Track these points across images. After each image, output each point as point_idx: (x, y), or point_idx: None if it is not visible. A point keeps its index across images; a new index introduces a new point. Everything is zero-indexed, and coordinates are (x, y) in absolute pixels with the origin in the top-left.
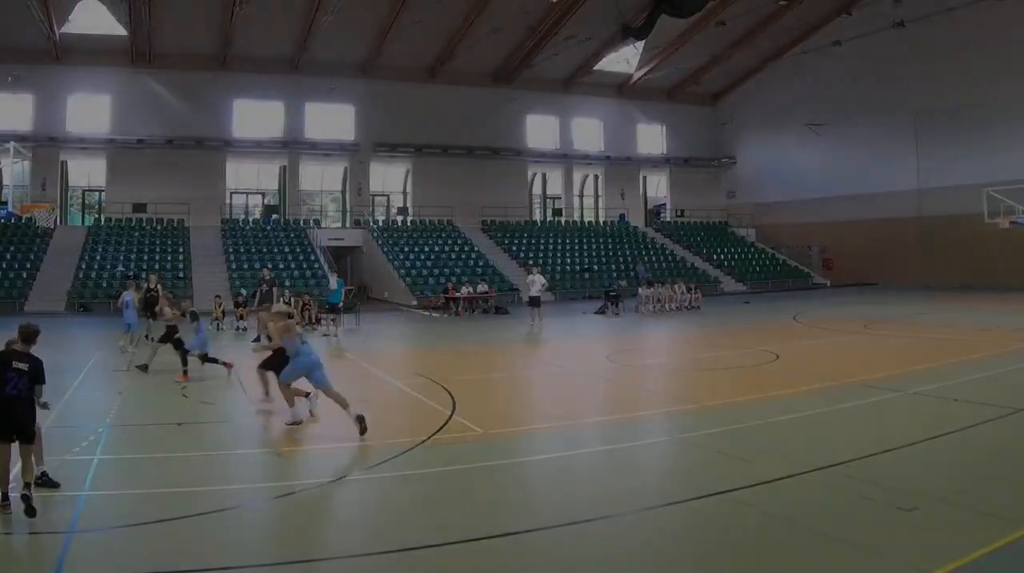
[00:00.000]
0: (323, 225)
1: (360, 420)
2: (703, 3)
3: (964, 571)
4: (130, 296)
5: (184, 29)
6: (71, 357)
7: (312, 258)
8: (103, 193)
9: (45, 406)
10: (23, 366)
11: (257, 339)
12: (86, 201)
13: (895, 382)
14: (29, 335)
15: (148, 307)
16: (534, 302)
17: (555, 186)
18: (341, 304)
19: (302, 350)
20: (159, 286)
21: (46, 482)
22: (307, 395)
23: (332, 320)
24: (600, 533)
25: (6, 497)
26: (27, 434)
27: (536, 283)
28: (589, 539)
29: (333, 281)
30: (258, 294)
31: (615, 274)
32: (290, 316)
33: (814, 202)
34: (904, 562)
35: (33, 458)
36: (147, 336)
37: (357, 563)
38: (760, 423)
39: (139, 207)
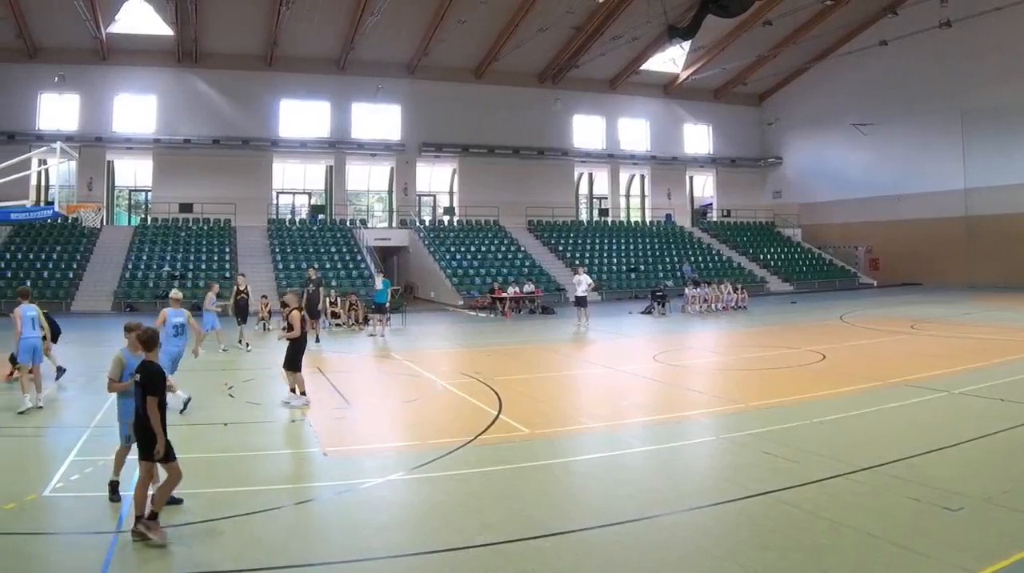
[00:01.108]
0: (369, 225)
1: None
2: (749, 3)
3: (1009, 571)
4: (212, 300)
5: (230, 29)
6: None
7: (359, 258)
8: (149, 193)
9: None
10: (137, 377)
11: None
12: (132, 201)
13: (941, 382)
14: (148, 340)
15: (241, 311)
16: (581, 302)
17: (601, 186)
18: (388, 304)
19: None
20: (248, 287)
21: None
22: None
23: (379, 320)
24: (645, 534)
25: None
26: (142, 449)
27: (582, 283)
28: (634, 539)
29: (379, 281)
30: (305, 294)
31: (661, 274)
32: (300, 308)
33: (860, 202)
34: (950, 562)
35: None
36: (240, 341)
37: (403, 563)
38: (806, 423)
39: (185, 207)
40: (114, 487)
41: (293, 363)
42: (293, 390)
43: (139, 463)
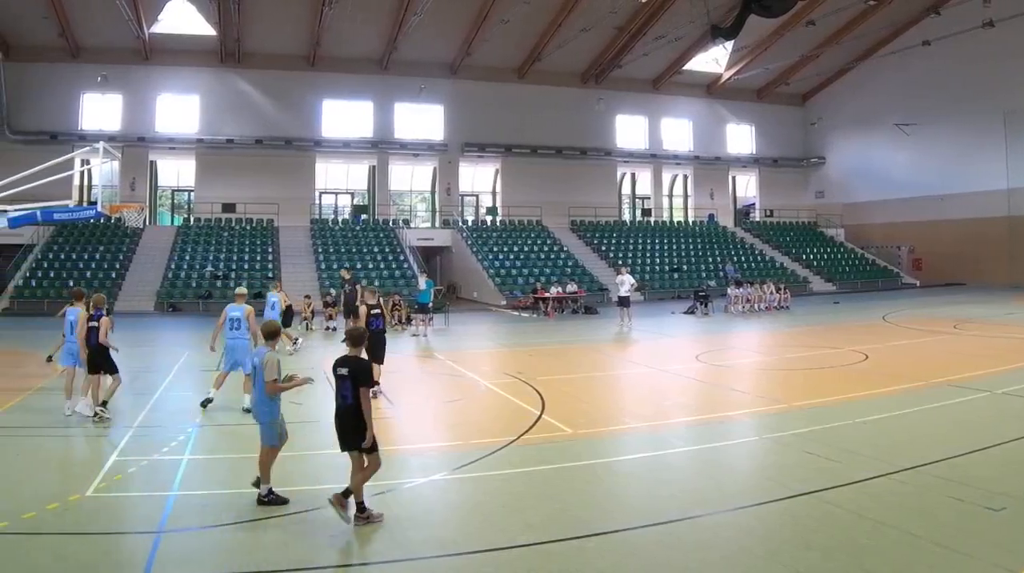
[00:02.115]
0: (412, 225)
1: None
2: (792, 3)
3: None
4: (276, 297)
5: (273, 29)
6: (161, 357)
7: (401, 258)
8: (192, 193)
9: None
10: (344, 372)
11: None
12: (175, 201)
13: (984, 382)
14: (355, 338)
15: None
16: (623, 302)
17: (644, 186)
18: (431, 304)
19: None
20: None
21: (272, 500)
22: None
23: (422, 320)
24: (688, 533)
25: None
26: (355, 443)
27: (626, 283)
28: (677, 539)
29: (422, 281)
30: (342, 295)
31: (704, 274)
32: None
33: (903, 202)
34: (992, 562)
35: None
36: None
37: (446, 563)
38: (848, 423)
39: (228, 207)
40: (269, 495)
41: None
42: (377, 383)
43: (351, 454)
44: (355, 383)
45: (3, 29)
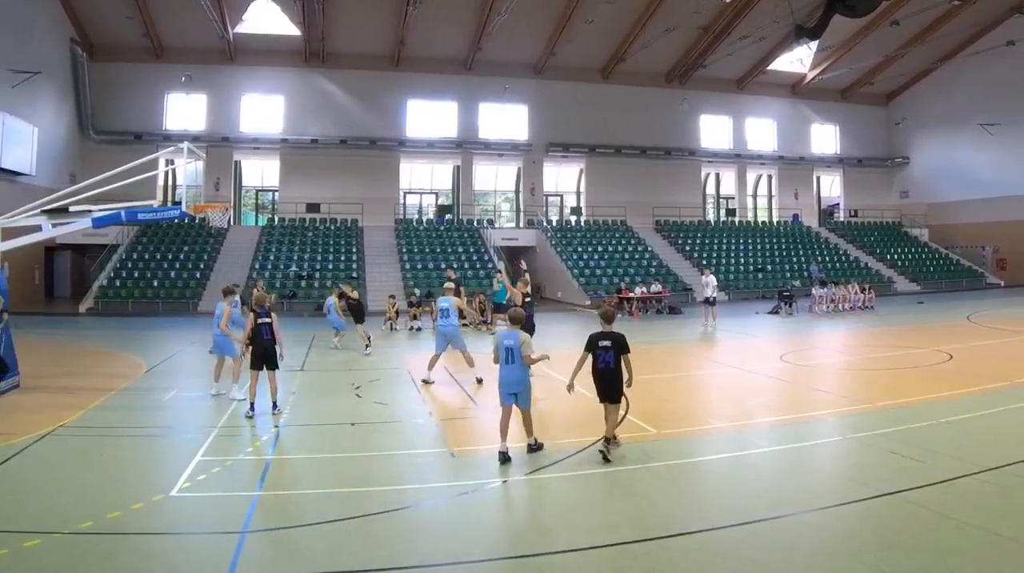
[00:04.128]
0: (496, 225)
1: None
2: (877, 3)
3: None
4: (332, 301)
5: (357, 29)
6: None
7: (486, 258)
8: (276, 193)
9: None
10: (607, 343)
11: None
12: (259, 201)
13: None
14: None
15: (356, 315)
16: (709, 301)
17: (728, 186)
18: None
19: None
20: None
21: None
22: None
23: (503, 319)
24: (772, 533)
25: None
26: (615, 397)
27: (711, 284)
28: (761, 539)
29: (496, 282)
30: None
31: (789, 274)
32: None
33: (988, 202)
34: None
35: (612, 419)
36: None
37: (530, 563)
38: (933, 423)
39: (312, 207)
40: (504, 457)
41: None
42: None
43: (608, 406)
44: (617, 351)
45: (88, 29)
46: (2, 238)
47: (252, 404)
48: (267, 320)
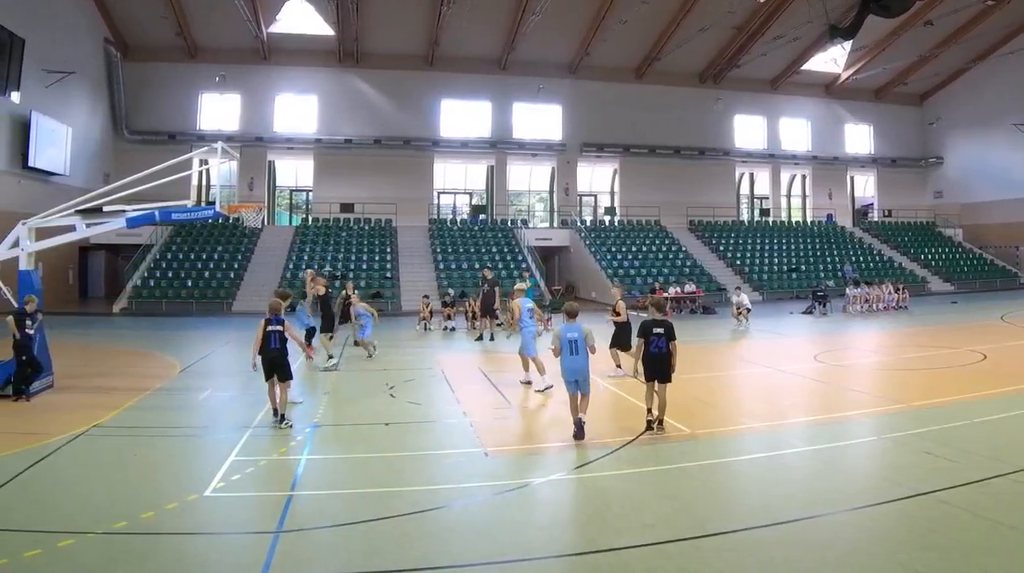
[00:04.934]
0: (530, 225)
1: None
2: (911, 3)
3: None
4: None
5: (391, 29)
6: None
7: (520, 258)
8: (310, 193)
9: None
10: (660, 330)
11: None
12: (293, 201)
13: None
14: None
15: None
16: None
17: (762, 186)
18: (546, 303)
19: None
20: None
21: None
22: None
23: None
24: (806, 534)
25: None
26: (666, 377)
27: (743, 303)
28: (795, 540)
29: (524, 282)
30: (481, 295)
31: (822, 274)
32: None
33: (1021, 202)
34: None
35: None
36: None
37: (564, 563)
38: (967, 423)
39: (346, 207)
40: (581, 425)
41: (621, 342)
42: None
43: (658, 386)
44: (669, 338)
45: (121, 29)
46: (36, 238)
47: (275, 411)
48: (278, 328)
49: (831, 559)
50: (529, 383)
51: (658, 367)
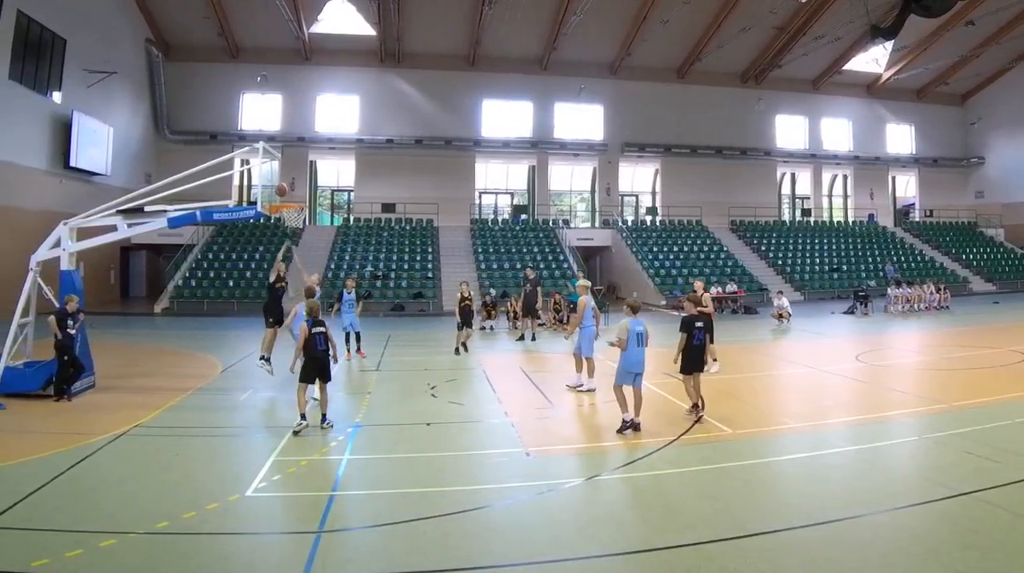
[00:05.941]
0: (572, 225)
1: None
2: (952, 3)
3: None
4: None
5: (433, 29)
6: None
7: (561, 258)
8: (351, 193)
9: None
10: (701, 324)
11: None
12: (334, 201)
13: None
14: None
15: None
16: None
17: (804, 186)
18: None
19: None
20: (471, 294)
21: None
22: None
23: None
24: (848, 534)
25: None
26: (701, 368)
27: (784, 307)
28: (837, 539)
29: (572, 285)
30: (523, 294)
31: (864, 274)
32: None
33: None
34: None
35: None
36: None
37: (605, 563)
38: (1009, 423)
39: (388, 207)
40: (634, 425)
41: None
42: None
43: (694, 377)
44: (707, 331)
45: (163, 30)
46: (78, 238)
47: (303, 416)
48: (322, 329)
49: (873, 559)
50: (579, 387)
51: (697, 357)
